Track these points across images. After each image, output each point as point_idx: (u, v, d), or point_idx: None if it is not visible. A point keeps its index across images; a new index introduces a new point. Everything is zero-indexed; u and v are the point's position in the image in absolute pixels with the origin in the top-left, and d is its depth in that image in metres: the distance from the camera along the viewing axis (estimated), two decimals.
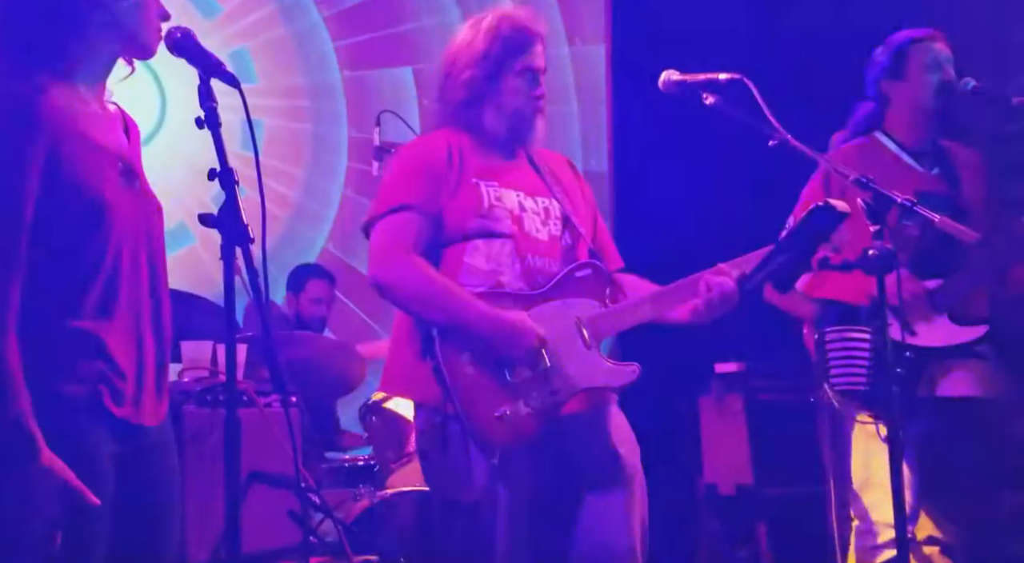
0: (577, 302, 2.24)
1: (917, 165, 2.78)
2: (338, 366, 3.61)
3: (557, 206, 2.33)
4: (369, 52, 5.12)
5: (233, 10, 4.86)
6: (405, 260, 2.19)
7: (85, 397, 1.67)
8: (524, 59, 2.31)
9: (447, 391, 2.14)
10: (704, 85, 2.24)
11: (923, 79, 2.74)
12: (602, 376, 2.23)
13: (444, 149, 2.28)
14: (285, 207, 4.93)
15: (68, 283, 1.68)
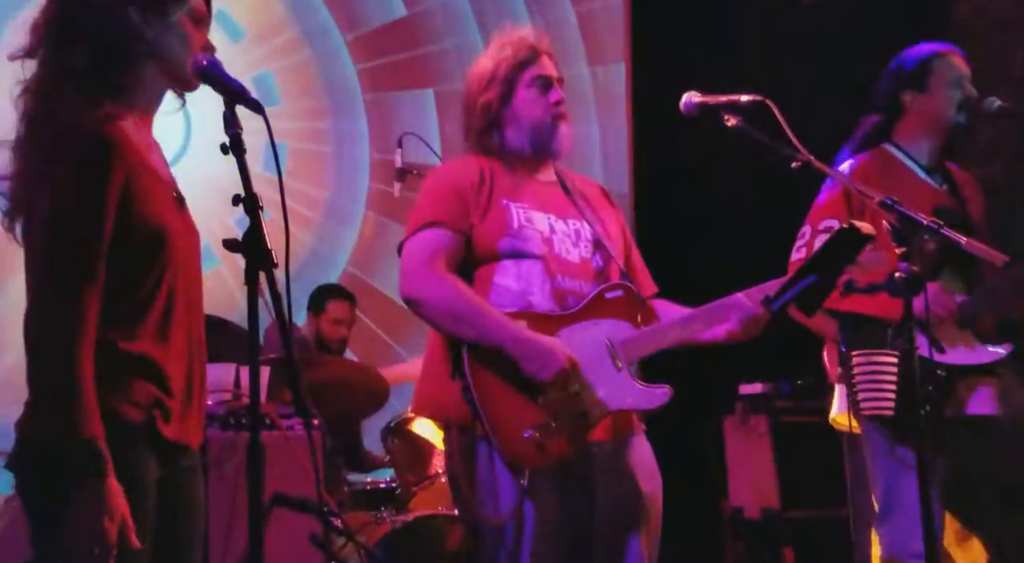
0: (608, 323, 2.23)
1: (930, 180, 2.76)
2: (360, 388, 3.60)
3: (588, 228, 2.34)
4: (391, 74, 5.15)
5: (257, 34, 4.91)
6: (436, 276, 2.20)
7: (142, 422, 1.70)
8: (532, 70, 2.33)
9: (476, 411, 2.14)
10: (726, 106, 2.24)
11: (946, 94, 2.71)
12: (633, 398, 2.21)
13: (475, 170, 2.30)
14: (307, 228, 4.96)
15: (129, 307, 1.71)
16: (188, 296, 1.79)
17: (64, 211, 1.64)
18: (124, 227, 1.69)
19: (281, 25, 4.98)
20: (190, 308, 1.79)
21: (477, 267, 2.26)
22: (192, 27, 1.80)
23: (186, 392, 1.77)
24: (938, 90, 2.72)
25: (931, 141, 2.75)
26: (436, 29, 5.22)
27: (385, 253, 5.11)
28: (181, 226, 1.79)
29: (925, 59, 2.75)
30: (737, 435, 4.27)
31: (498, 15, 5.28)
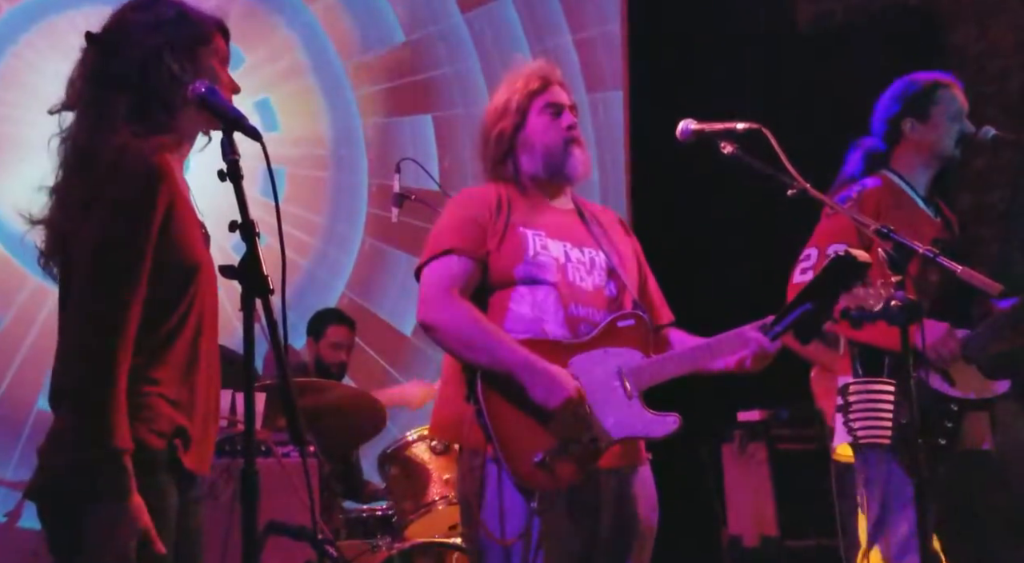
0: (619, 351, 2.26)
1: (928, 210, 2.76)
2: (358, 414, 3.59)
3: (603, 257, 2.37)
4: (389, 100, 5.18)
5: (258, 61, 4.94)
6: (451, 303, 2.24)
7: (164, 450, 1.73)
8: (543, 97, 2.38)
9: (488, 435, 2.18)
10: (721, 134, 2.25)
11: (947, 126, 2.71)
12: (643, 426, 2.23)
13: (493, 198, 2.35)
14: (306, 254, 4.96)
15: (160, 336, 1.75)
16: (212, 329, 1.84)
17: (117, 233, 1.70)
18: (161, 256, 1.73)
19: (281, 51, 5.02)
20: (212, 341, 1.84)
21: (493, 293, 2.30)
22: (219, 67, 1.87)
23: (204, 422, 1.80)
24: (940, 121, 2.72)
25: (928, 171, 2.76)
26: (435, 56, 5.25)
27: (383, 279, 5.11)
28: (209, 261, 1.84)
29: (929, 88, 2.74)
30: (735, 463, 4.25)
31: (497, 42, 5.32)
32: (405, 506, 3.40)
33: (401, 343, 5.09)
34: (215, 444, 2.88)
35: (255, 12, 4.94)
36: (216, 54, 1.87)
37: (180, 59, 1.82)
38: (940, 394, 2.53)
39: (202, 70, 1.83)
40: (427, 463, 3.40)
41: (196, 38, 1.85)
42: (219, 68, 1.87)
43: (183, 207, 1.79)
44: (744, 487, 4.21)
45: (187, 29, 1.84)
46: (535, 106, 2.38)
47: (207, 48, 1.86)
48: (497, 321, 2.27)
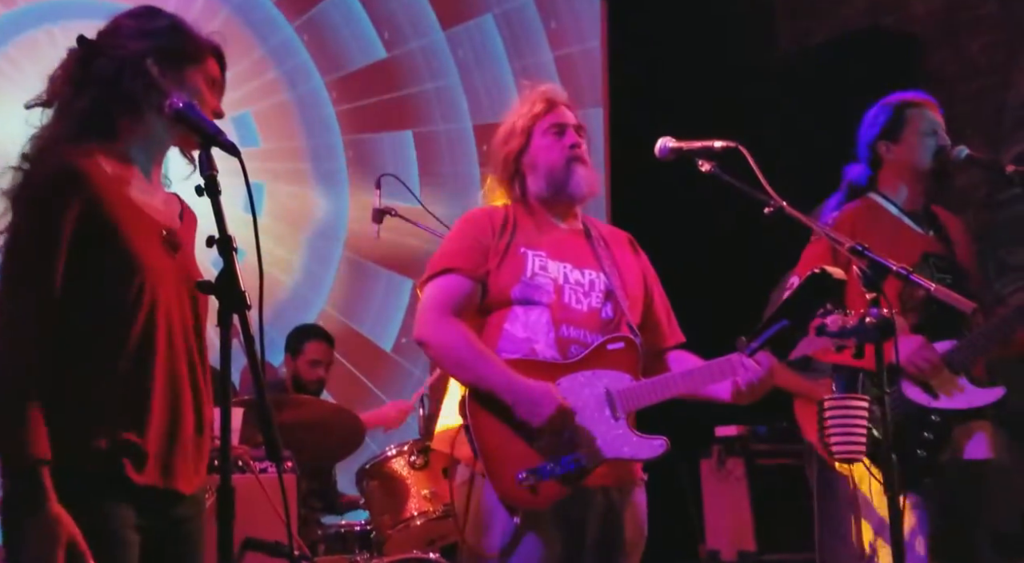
0: (607, 374, 2.27)
1: (917, 227, 2.79)
2: (336, 430, 3.58)
3: (603, 280, 2.38)
4: (370, 116, 5.19)
5: (237, 76, 4.91)
6: (444, 321, 2.29)
7: (105, 469, 1.68)
8: (547, 119, 2.43)
9: (475, 450, 2.21)
10: (700, 152, 2.27)
11: (919, 142, 2.76)
12: (629, 448, 2.25)
13: (498, 218, 2.39)
14: (286, 269, 4.95)
15: (100, 344, 1.71)
16: (176, 340, 1.77)
17: (20, 235, 1.68)
18: (86, 260, 1.69)
19: (261, 67, 5.02)
20: (177, 353, 1.77)
21: (491, 312, 2.34)
22: (205, 88, 1.85)
23: (169, 436, 1.75)
24: (911, 139, 2.77)
25: (911, 188, 2.80)
26: (415, 71, 5.27)
27: (363, 294, 5.11)
28: (169, 268, 1.79)
29: (897, 109, 2.81)
30: (713, 478, 4.26)
31: (477, 58, 5.35)
32: (383, 521, 3.39)
33: (381, 359, 5.08)
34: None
35: (235, 26, 4.95)
36: (204, 76, 1.86)
37: (163, 68, 1.81)
38: (919, 406, 2.56)
39: (185, 85, 1.82)
40: (406, 478, 3.39)
41: (186, 54, 1.84)
42: (205, 89, 1.85)
43: (120, 208, 1.74)
44: (722, 502, 4.22)
45: (178, 43, 1.84)
46: (539, 128, 2.42)
47: (196, 67, 1.85)
48: (491, 341, 2.30)
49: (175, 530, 1.78)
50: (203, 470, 1.84)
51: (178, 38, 1.84)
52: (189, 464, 1.79)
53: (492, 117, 5.35)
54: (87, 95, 1.78)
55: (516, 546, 2.20)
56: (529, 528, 2.20)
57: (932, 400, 2.56)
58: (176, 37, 1.84)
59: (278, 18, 5.07)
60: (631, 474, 2.34)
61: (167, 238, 1.81)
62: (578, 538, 2.26)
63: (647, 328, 2.42)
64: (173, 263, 1.81)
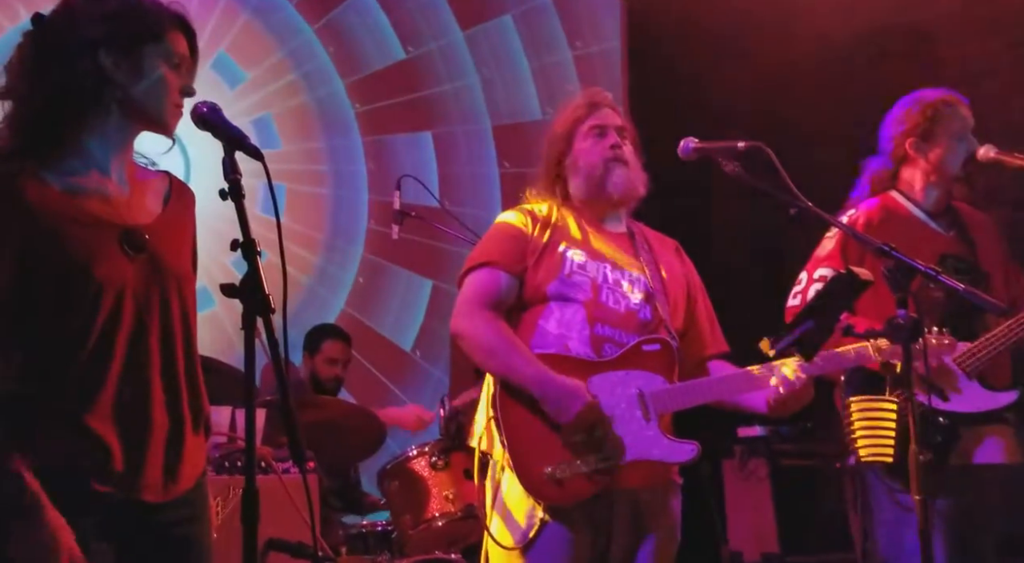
0: (641, 375, 2.27)
1: (936, 226, 2.74)
2: (357, 430, 3.58)
3: (644, 281, 2.38)
4: (389, 117, 5.20)
5: (258, 78, 4.96)
6: (479, 314, 2.31)
7: (61, 475, 1.65)
8: (589, 121, 2.44)
9: (502, 443, 2.22)
10: (723, 152, 2.25)
11: (952, 145, 2.69)
12: (659, 450, 2.24)
13: (540, 217, 2.41)
14: (305, 270, 4.97)
15: (52, 359, 1.67)
16: (143, 342, 1.72)
17: None
18: (36, 275, 1.66)
19: (281, 69, 5.03)
20: (146, 356, 1.73)
21: (527, 309, 2.35)
22: (169, 70, 1.77)
23: (133, 447, 1.70)
24: (943, 141, 2.69)
25: (936, 189, 2.74)
26: (434, 72, 5.27)
27: (382, 294, 5.11)
28: (129, 270, 1.73)
29: (931, 107, 2.72)
30: (736, 479, 4.24)
31: (496, 58, 5.34)
32: (404, 521, 3.39)
33: (400, 358, 5.09)
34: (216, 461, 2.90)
35: (255, 30, 4.97)
36: (164, 54, 1.75)
37: (117, 57, 1.73)
38: (927, 408, 2.53)
39: (143, 71, 1.73)
40: (427, 479, 3.39)
41: (140, 35, 1.73)
42: (166, 70, 1.75)
43: (64, 224, 1.68)
44: (745, 503, 4.20)
45: (132, 25, 1.74)
46: (580, 130, 2.43)
47: (154, 47, 1.74)
48: (526, 336, 2.31)
49: (159, 537, 1.74)
50: (187, 473, 1.77)
51: (132, 19, 1.73)
52: (157, 472, 1.73)
53: (511, 117, 5.35)
54: (39, 96, 1.71)
55: (539, 540, 2.20)
56: (554, 524, 2.20)
57: (941, 403, 2.52)
58: (130, 18, 1.73)
59: (298, 21, 5.08)
60: (664, 477, 2.32)
61: (126, 239, 1.74)
62: (605, 538, 2.24)
63: (689, 335, 2.41)
64: (135, 263, 1.74)
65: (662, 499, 2.31)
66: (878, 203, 2.74)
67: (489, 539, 2.28)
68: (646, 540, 2.27)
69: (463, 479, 3.35)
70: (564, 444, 2.20)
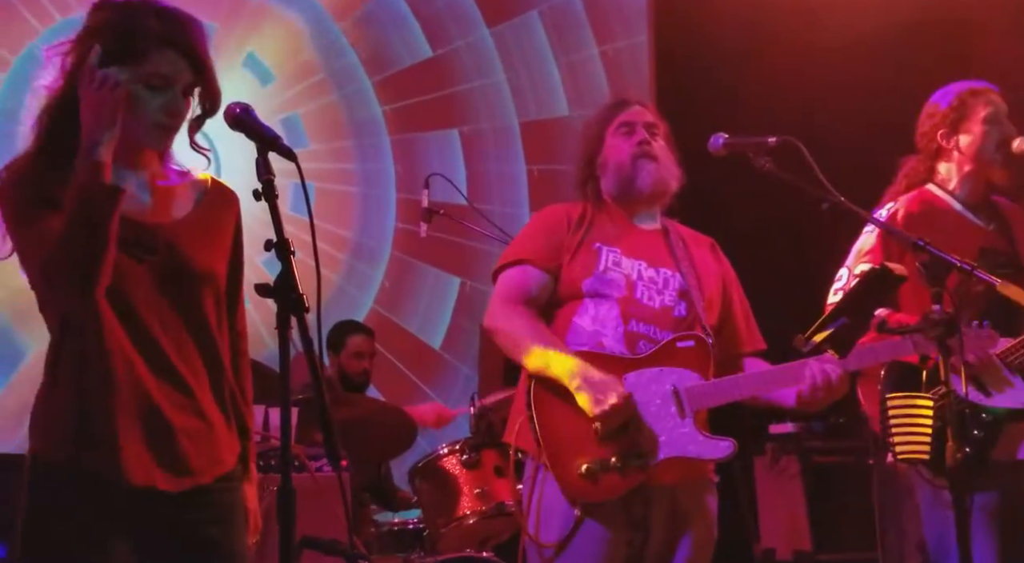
0: (675, 371, 2.26)
1: (976, 219, 2.71)
2: (389, 428, 3.60)
3: (678, 279, 2.37)
4: (416, 115, 5.21)
5: (287, 78, 4.99)
6: (514, 310, 2.32)
7: (70, 463, 1.69)
8: (618, 118, 2.44)
9: (537, 440, 2.22)
10: (754, 147, 2.24)
11: (984, 131, 2.66)
12: (694, 447, 2.23)
13: (575, 213, 2.41)
14: (334, 268, 4.99)
15: (63, 353, 1.73)
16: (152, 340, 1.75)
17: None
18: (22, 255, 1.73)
19: (309, 68, 5.06)
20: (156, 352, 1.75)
21: (562, 305, 2.35)
22: (145, 91, 1.74)
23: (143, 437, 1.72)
24: (974, 128, 2.66)
25: (973, 179, 2.70)
26: (462, 70, 5.28)
27: (411, 292, 5.13)
28: (135, 273, 1.74)
29: (959, 97, 2.70)
30: (768, 476, 4.21)
31: (523, 55, 5.34)
32: (436, 520, 3.40)
33: (430, 356, 5.10)
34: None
35: (283, 29, 5.00)
36: (141, 76, 1.74)
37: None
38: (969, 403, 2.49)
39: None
40: (458, 477, 3.39)
41: (122, 53, 1.73)
42: (142, 91, 1.74)
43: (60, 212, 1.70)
44: (777, 500, 4.17)
45: (116, 42, 1.73)
46: (610, 128, 2.44)
47: (130, 69, 1.72)
48: (560, 332, 2.31)
49: (182, 535, 1.76)
50: (202, 466, 1.78)
51: (117, 37, 1.73)
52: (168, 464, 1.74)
53: (538, 114, 5.34)
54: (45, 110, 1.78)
55: (574, 538, 2.20)
56: (589, 521, 2.20)
57: (984, 398, 2.49)
58: (115, 36, 1.73)
59: (326, 19, 5.11)
60: (701, 474, 2.31)
61: (135, 242, 1.75)
62: (642, 536, 2.24)
63: (724, 332, 2.40)
64: (142, 267, 1.76)
65: (699, 496, 2.31)
66: (916, 197, 2.70)
67: (526, 537, 2.29)
68: (684, 537, 2.26)
69: (494, 477, 3.35)
70: (599, 441, 2.20)
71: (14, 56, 4.43)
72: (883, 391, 2.51)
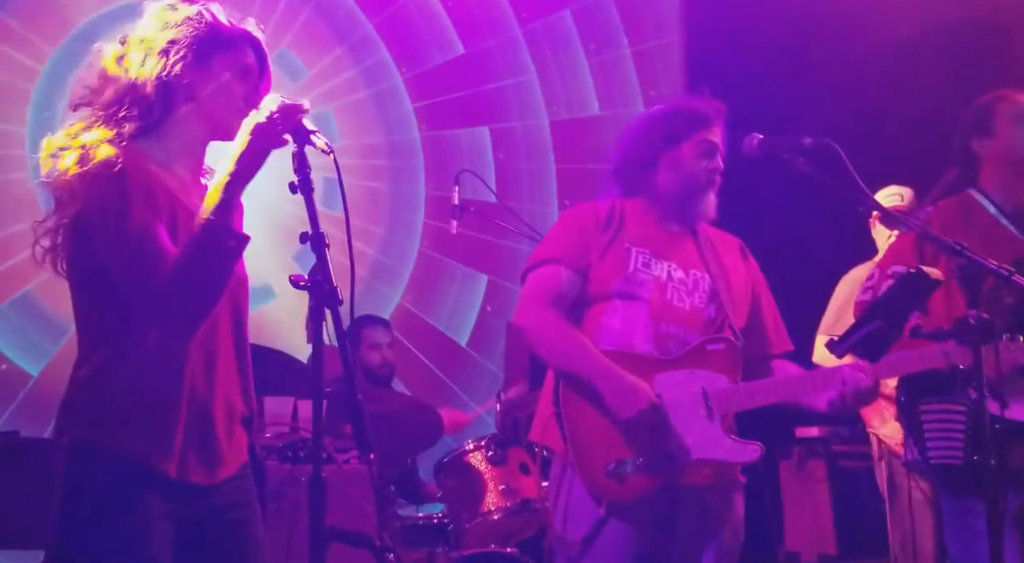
0: (705, 374, 2.26)
1: (1014, 229, 2.68)
2: (416, 423, 3.61)
3: (708, 280, 2.37)
4: (447, 112, 5.22)
5: (318, 74, 5.02)
6: (543, 310, 2.32)
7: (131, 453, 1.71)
8: (704, 132, 2.39)
9: (565, 438, 2.22)
10: (789, 148, 2.22)
11: (1013, 133, 2.65)
12: (722, 450, 2.23)
13: (604, 212, 2.40)
14: (363, 264, 5.01)
15: (119, 343, 1.73)
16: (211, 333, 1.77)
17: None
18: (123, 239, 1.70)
19: (341, 64, 5.09)
20: (213, 345, 1.78)
21: (591, 305, 2.34)
22: (235, 79, 1.82)
23: (189, 430, 1.74)
24: (1004, 130, 2.66)
25: (1011, 183, 2.68)
26: (493, 67, 5.29)
27: (439, 289, 5.15)
28: None
29: (987, 104, 2.71)
30: (794, 480, 4.19)
31: (555, 54, 5.34)
32: (461, 515, 3.41)
33: (457, 353, 5.12)
34: (279, 451, 2.94)
35: (315, 26, 5.03)
36: (234, 66, 1.82)
37: (185, 60, 1.78)
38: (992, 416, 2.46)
39: (213, 78, 1.79)
40: (483, 473, 3.41)
41: (214, 43, 1.80)
42: (234, 80, 1.81)
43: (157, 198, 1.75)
44: (802, 504, 4.15)
45: (206, 32, 1.80)
46: (695, 136, 2.38)
47: (225, 56, 1.81)
48: (590, 333, 2.31)
49: (216, 520, 1.79)
50: (232, 459, 1.82)
51: (207, 28, 1.81)
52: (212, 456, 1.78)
53: (569, 113, 5.34)
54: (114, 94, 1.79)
55: (599, 536, 2.20)
56: (614, 519, 2.20)
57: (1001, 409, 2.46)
58: (205, 26, 1.80)
59: (359, 16, 5.13)
60: (728, 476, 2.31)
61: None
62: (667, 536, 2.24)
63: (753, 334, 2.40)
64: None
65: (727, 499, 2.30)
66: (956, 201, 2.69)
67: (551, 534, 2.29)
68: (713, 540, 2.26)
69: (519, 473, 3.36)
70: (626, 440, 2.20)
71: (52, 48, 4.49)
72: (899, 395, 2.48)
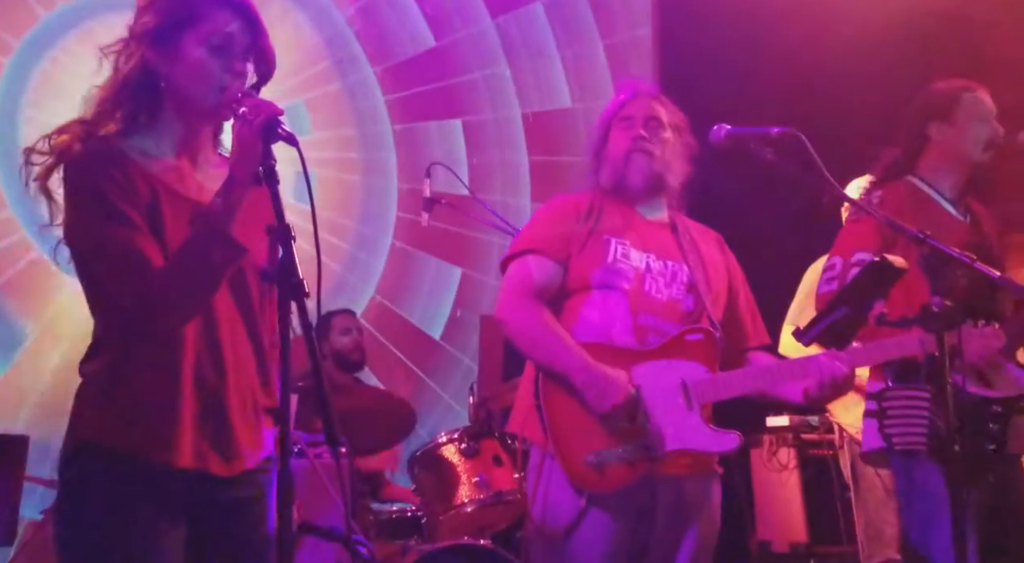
0: (684, 364, 2.27)
1: (956, 213, 2.71)
2: (388, 416, 3.61)
3: (686, 271, 2.38)
4: (419, 105, 5.21)
5: (291, 66, 4.99)
6: (523, 302, 2.32)
7: (131, 450, 1.69)
8: (622, 113, 2.44)
9: (545, 430, 2.23)
10: (756, 138, 2.24)
11: (972, 128, 2.66)
12: (700, 440, 2.24)
13: (583, 204, 2.41)
14: (336, 257, 5.00)
15: (123, 341, 1.71)
16: (213, 321, 1.75)
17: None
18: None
19: (313, 56, 5.06)
20: (214, 333, 1.76)
21: (570, 297, 2.35)
22: (207, 54, 1.75)
23: (199, 421, 1.73)
24: (965, 123, 2.67)
25: (955, 175, 2.70)
26: (464, 60, 5.28)
27: (412, 282, 5.14)
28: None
29: (954, 91, 2.71)
30: (764, 468, 4.22)
31: (526, 46, 5.34)
32: (435, 508, 3.41)
33: (430, 347, 5.11)
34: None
35: (286, 18, 4.99)
36: (204, 38, 1.74)
37: (157, 48, 1.74)
38: (980, 397, 2.49)
39: (181, 59, 1.74)
40: (456, 465, 3.40)
41: (179, 21, 1.74)
42: (207, 55, 1.74)
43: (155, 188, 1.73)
44: (773, 493, 4.18)
45: (170, 11, 1.74)
46: (615, 121, 2.44)
47: (192, 31, 1.74)
48: (568, 325, 2.31)
49: (231, 512, 1.77)
50: (249, 453, 1.79)
51: (172, 5, 1.75)
52: (220, 444, 1.75)
53: (541, 105, 5.34)
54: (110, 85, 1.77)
55: (580, 526, 2.21)
56: (594, 509, 2.21)
57: (988, 390, 2.48)
58: (169, 5, 1.75)
59: (331, 8, 5.10)
60: (706, 466, 2.32)
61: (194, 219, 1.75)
62: (647, 525, 2.25)
63: (730, 326, 2.41)
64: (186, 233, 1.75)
65: (704, 488, 2.31)
66: (899, 187, 2.68)
67: (531, 525, 2.30)
68: (690, 529, 2.27)
69: (493, 465, 3.37)
70: (606, 431, 2.20)
71: (17, 40, 4.44)
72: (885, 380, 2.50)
